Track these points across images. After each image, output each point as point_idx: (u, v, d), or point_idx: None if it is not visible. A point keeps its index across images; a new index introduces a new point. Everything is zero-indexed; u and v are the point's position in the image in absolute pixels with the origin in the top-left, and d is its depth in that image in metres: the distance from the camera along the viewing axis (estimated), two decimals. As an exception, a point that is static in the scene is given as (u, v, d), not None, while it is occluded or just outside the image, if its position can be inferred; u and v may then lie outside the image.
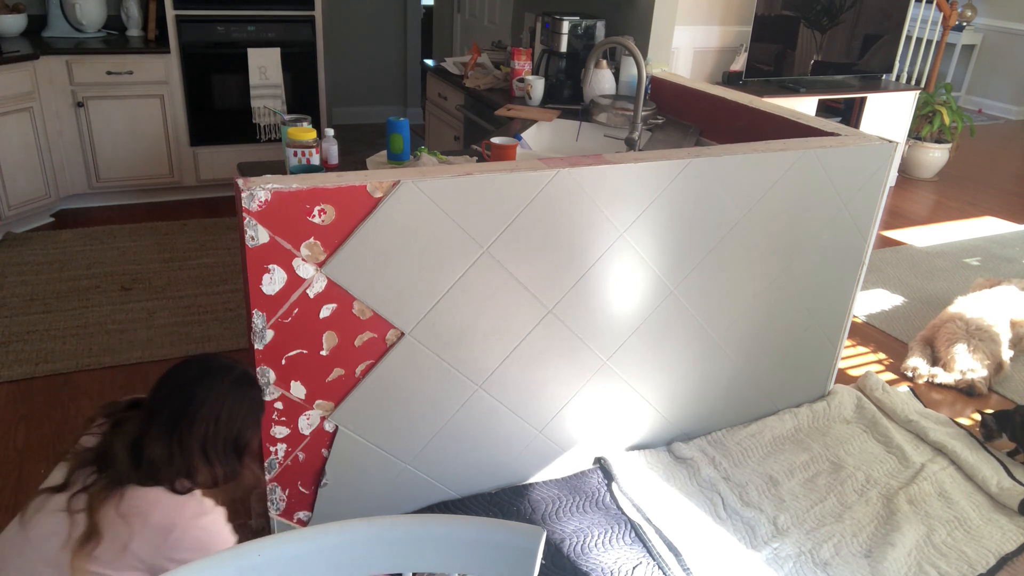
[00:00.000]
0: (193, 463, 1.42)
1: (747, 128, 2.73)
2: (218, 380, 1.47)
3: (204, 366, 1.50)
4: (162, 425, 1.42)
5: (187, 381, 1.46)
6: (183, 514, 1.40)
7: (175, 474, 1.41)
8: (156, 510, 1.39)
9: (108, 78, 3.92)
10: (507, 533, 1.02)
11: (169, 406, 1.44)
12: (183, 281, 3.47)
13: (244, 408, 1.49)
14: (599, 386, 2.22)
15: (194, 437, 1.42)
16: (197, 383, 1.46)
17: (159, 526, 1.38)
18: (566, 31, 3.38)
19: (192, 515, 1.41)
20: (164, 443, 1.41)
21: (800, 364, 2.64)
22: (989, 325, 3.04)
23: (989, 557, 2.13)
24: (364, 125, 6.22)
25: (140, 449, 1.41)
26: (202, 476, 1.43)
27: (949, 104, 5.27)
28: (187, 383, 1.46)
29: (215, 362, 1.51)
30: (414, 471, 2.07)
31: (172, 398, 1.44)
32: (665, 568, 2.01)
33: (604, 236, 2.00)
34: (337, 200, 1.67)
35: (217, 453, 1.45)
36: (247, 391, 1.51)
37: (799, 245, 2.36)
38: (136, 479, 1.40)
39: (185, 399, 1.43)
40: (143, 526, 1.37)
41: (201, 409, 1.43)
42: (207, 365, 1.50)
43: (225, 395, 1.46)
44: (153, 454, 1.40)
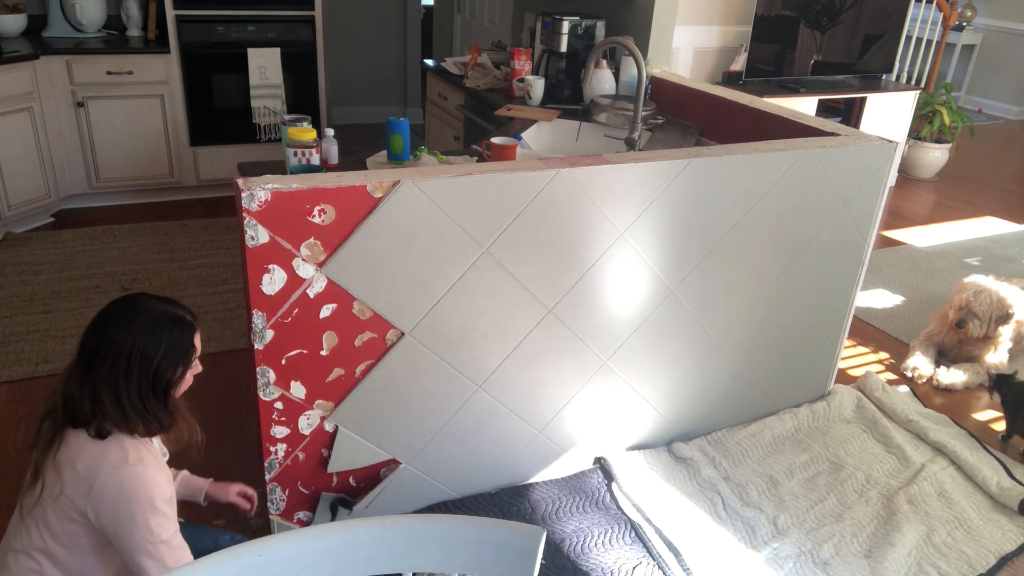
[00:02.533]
0: (103, 405, 1.38)
1: (747, 128, 2.73)
2: (133, 318, 1.41)
3: (122, 305, 1.44)
4: (80, 367, 1.39)
5: (102, 320, 1.41)
6: (104, 463, 1.36)
7: (90, 416, 1.38)
8: (80, 458, 1.37)
9: (108, 78, 3.92)
10: (507, 533, 1.02)
11: (87, 347, 1.40)
12: (183, 281, 3.47)
13: (160, 347, 1.41)
14: (599, 386, 2.22)
15: (103, 381, 1.38)
16: (110, 321, 1.41)
17: (83, 475, 1.36)
18: (566, 31, 3.38)
19: (113, 465, 1.36)
20: (80, 383, 1.38)
21: (800, 364, 2.64)
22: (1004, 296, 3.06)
23: (989, 557, 2.13)
24: (364, 125, 6.22)
25: (66, 389, 1.40)
26: (115, 419, 1.38)
27: (949, 104, 5.27)
28: (102, 322, 1.41)
29: (136, 300, 1.45)
30: (414, 471, 2.07)
31: (89, 339, 1.40)
32: (665, 568, 2.01)
33: (604, 236, 2.00)
34: (337, 200, 1.67)
35: (130, 398, 1.39)
36: (167, 330, 1.43)
37: (799, 245, 2.36)
38: (68, 421, 1.39)
39: (97, 340, 1.39)
40: (72, 474, 1.36)
41: (111, 348, 1.38)
42: (125, 304, 1.44)
43: (135, 336, 1.39)
44: (73, 393, 1.39)
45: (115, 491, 1.35)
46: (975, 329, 2.99)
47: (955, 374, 2.99)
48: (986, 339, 3.06)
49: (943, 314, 3.19)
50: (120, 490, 1.35)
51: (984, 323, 3.00)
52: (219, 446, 2.43)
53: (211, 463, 2.35)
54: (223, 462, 2.37)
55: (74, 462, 1.37)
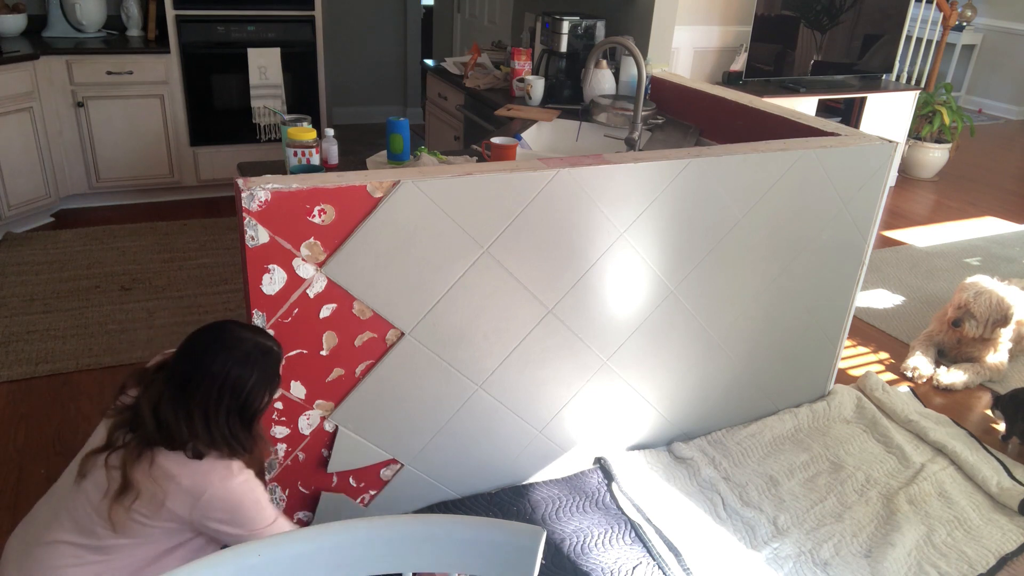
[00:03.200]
0: (196, 431, 1.44)
1: (747, 128, 2.73)
2: (227, 348, 1.47)
3: (217, 334, 1.50)
4: (174, 390, 1.45)
5: (199, 348, 1.47)
6: (211, 478, 1.44)
7: (187, 439, 1.44)
8: (184, 475, 1.44)
9: (108, 78, 3.92)
10: (507, 533, 1.02)
11: (180, 372, 1.46)
12: (183, 281, 3.47)
13: (249, 381, 1.48)
14: (599, 386, 2.22)
15: (196, 405, 1.44)
16: (206, 351, 1.47)
17: (189, 490, 1.44)
18: (566, 31, 3.38)
19: (220, 479, 1.45)
20: (174, 408, 1.44)
21: (800, 364, 2.64)
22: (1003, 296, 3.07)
23: (989, 557, 2.13)
24: (364, 125, 6.21)
25: (158, 412, 1.45)
26: (205, 444, 1.45)
27: (949, 104, 5.27)
28: (198, 350, 1.47)
29: (229, 330, 1.51)
30: (414, 471, 2.07)
31: (183, 364, 1.46)
32: (665, 568, 2.01)
33: (604, 236, 2.00)
34: (337, 200, 1.67)
35: (218, 423, 1.45)
36: (258, 360, 1.50)
37: (799, 245, 2.36)
38: (160, 441, 1.45)
39: (192, 366, 1.45)
40: (176, 489, 1.43)
41: (206, 377, 1.44)
42: (220, 332, 1.50)
43: (232, 364, 1.46)
44: (167, 418, 1.44)
45: (227, 501, 1.45)
46: (971, 330, 2.99)
47: (955, 374, 2.99)
48: (985, 340, 3.06)
49: (943, 314, 3.19)
50: (231, 499, 1.46)
51: (981, 325, 3.00)
52: (219, 446, 2.43)
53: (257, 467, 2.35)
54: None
55: (177, 478, 1.44)
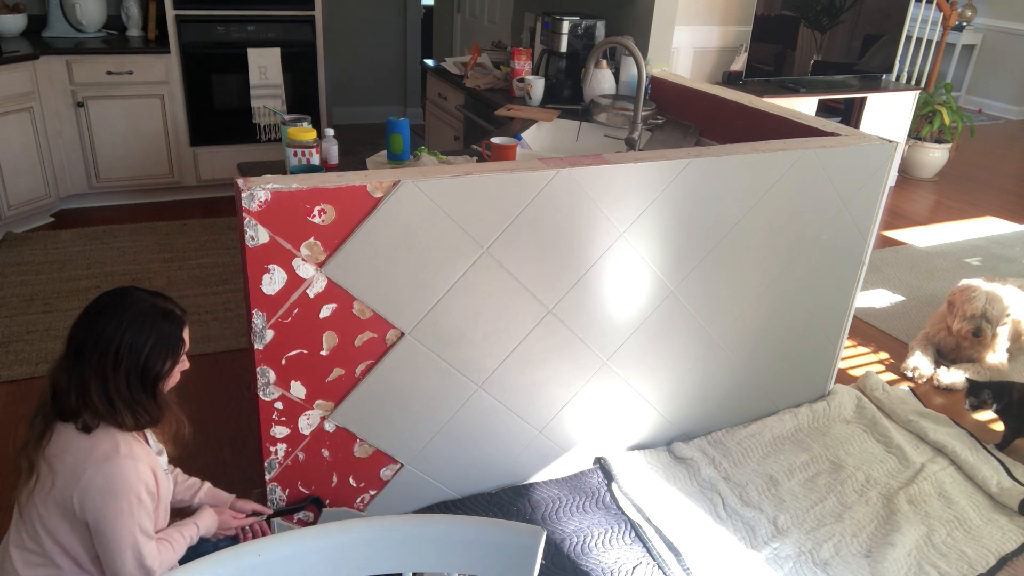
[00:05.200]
0: (90, 397, 1.38)
1: (747, 128, 2.73)
2: (120, 311, 1.41)
3: (112, 297, 1.45)
4: (69, 359, 1.40)
5: (92, 312, 1.42)
6: (92, 456, 1.37)
7: (78, 408, 1.38)
8: (69, 451, 1.38)
9: (108, 78, 3.92)
10: (507, 533, 1.02)
11: (76, 337, 1.41)
12: (183, 281, 3.47)
13: (147, 343, 1.41)
14: (599, 386, 2.22)
15: (92, 373, 1.38)
16: (100, 314, 1.41)
17: (71, 468, 1.37)
18: (566, 31, 3.38)
19: (100, 458, 1.37)
20: (67, 375, 1.39)
21: (800, 364, 2.64)
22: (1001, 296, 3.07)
23: (989, 557, 2.13)
24: (364, 125, 6.21)
25: (54, 381, 1.41)
26: (102, 411, 1.39)
27: (949, 104, 5.27)
28: (92, 314, 1.42)
29: (125, 293, 1.46)
30: (414, 471, 2.07)
31: (78, 332, 1.41)
32: (665, 568, 2.01)
33: (604, 236, 2.00)
34: (337, 200, 1.67)
35: (119, 390, 1.39)
36: (155, 323, 1.44)
37: (799, 245, 2.36)
38: (56, 414, 1.40)
39: (86, 333, 1.40)
40: (61, 467, 1.37)
41: (100, 340, 1.39)
42: (116, 296, 1.45)
43: (124, 329, 1.40)
44: (58, 384, 1.40)
45: (104, 482, 1.36)
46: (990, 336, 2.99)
47: (955, 374, 2.98)
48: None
49: (940, 316, 3.18)
50: (109, 481, 1.36)
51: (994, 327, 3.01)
52: (219, 446, 2.43)
53: (211, 463, 2.35)
54: (223, 462, 2.37)
55: (63, 454, 1.38)
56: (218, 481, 2.26)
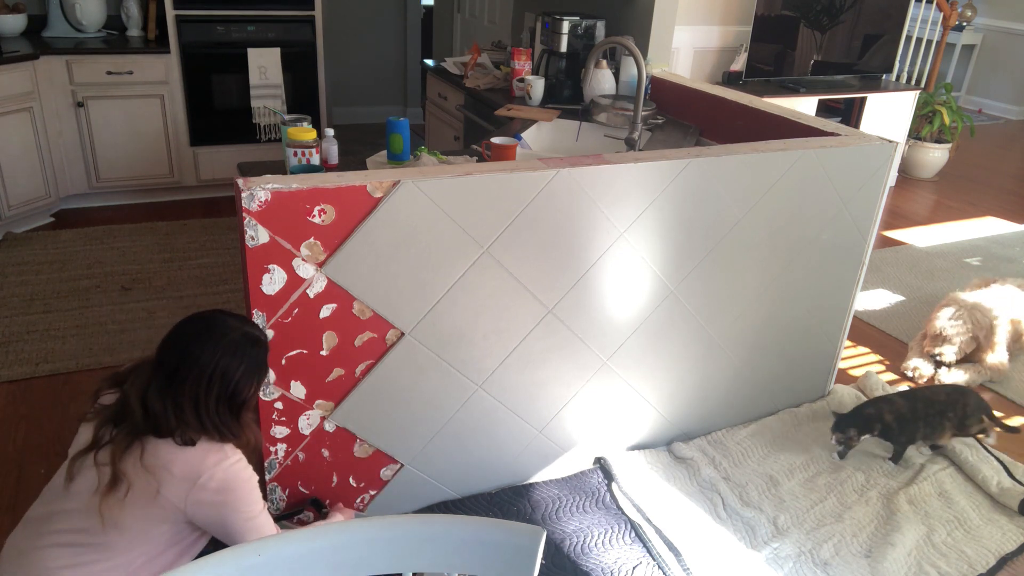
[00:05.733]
0: (186, 419, 1.45)
1: (747, 128, 2.73)
2: (215, 338, 1.48)
3: (205, 323, 1.52)
4: (161, 379, 1.46)
5: (186, 337, 1.49)
6: (207, 461, 1.46)
7: (175, 427, 1.45)
8: (176, 462, 1.45)
9: (108, 78, 3.92)
10: (507, 533, 1.02)
11: (168, 361, 1.47)
12: (183, 281, 3.47)
13: (239, 370, 1.49)
14: (599, 386, 2.22)
15: (185, 394, 1.45)
16: (194, 340, 1.48)
17: (185, 475, 1.44)
18: (566, 31, 3.38)
19: (215, 461, 1.47)
20: (161, 397, 1.45)
21: (800, 364, 2.64)
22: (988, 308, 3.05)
23: (989, 557, 2.13)
24: (364, 125, 6.21)
25: (146, 401, 1.46)
26: (195, 431, 1.46)
27: (949, 104, 5.27)
28: (186, 339, 1.49)
29: (217, 320, 1.52)
30: (414, 471, 2.07)
31: (171, 353, 1.48)
32: (665, 568, 2.01)
33: (604, 236, 2.00)
34: (337, 200, 1.67)
35: (208, 411, 1.46)
36: (246, 350, 1.51)
37: (799, 245, 2.36)
38: (148, 431, 1.45)
39: (180, 355, 1.47)
40: (169, 477, 1.44)
41: (194, 367, 1.46)
42: (208, 322, 1.52)
43: (219, 357, 1.47)
44: (155, 407, 1.45)
45: (223, 481, 1.46)
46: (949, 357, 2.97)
47: (956, 374, 2.98)
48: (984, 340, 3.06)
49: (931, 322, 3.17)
50: (227, 481, 1.47)
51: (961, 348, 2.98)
52: (219, 446, 2.43)
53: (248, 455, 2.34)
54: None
55: (169, 465, 1.44)
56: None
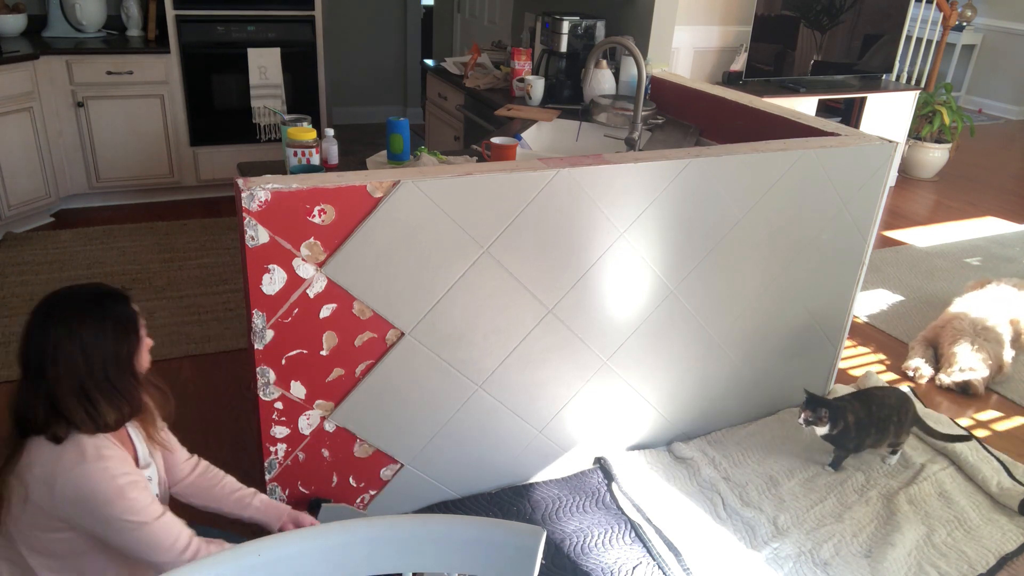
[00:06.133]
0: (68, 406, 1.33)
1: (747, 128, 2.73)
2: (65, 311, 1.36)
3: (49, 302, 1.38)
4: (31, 378, 1.35)
5: (38, 325, 1.36)
6: (61, 463, 1.32)
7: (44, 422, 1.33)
8: (38, 461, 1.33)
9: (108, 78, 3.92)
10: (507, 533, 1.02)
11: (31, 358, 1.35)
12: (183, 281, 3.47)
13: (106, 328, 1.37)
14: (599, 386, 2.22)
15: (63, 379, 1.33)
16: (47, 322, 1.35)
17: (43, 478, 1.32)
18: (566, 31, 3.38)
19: (70, 464, 1.32)
20: (31, 394, 1.34)
21: (800, 364, 2.64)
22: (993, 325, 3.04)
23: (989, 557, 2.13)
24: (364, 125, 6.21)
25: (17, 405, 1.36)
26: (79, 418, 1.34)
27: (949, 104, 5.27)
28: (39, 328, 1.36)
29: (60, 295, 1.40)
30: (414, 471, 2.07)
31: (31, 349, 1.36)
32: (665, 568, 2.01)
33: (604, 236, 2.00)
34: (337, 200, 1.67)
35: (98, 384, 1.35)
36: (104, 309, 1.39)
37: (799, 245, 2.36)
38: (22, 434, 1.36)
39: (41, 345, 1.34)
40: (32, 480, 1.33)
41: (59, 349, 1.33)
42: (52, 300, 1.39)
43: (78, 323, 1.35)
44: (21, 407, 1.35)
45: (77, 489, 1.31)
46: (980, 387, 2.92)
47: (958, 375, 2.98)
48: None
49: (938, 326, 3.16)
50: (82, 487, 1.31)
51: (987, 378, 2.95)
52: (219, 446, 2.43)
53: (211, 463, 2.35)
54: (223, 462, 2.35)
55: (31, 465, 1.34)
56: (218, 481, 2.25)
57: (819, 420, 2.33)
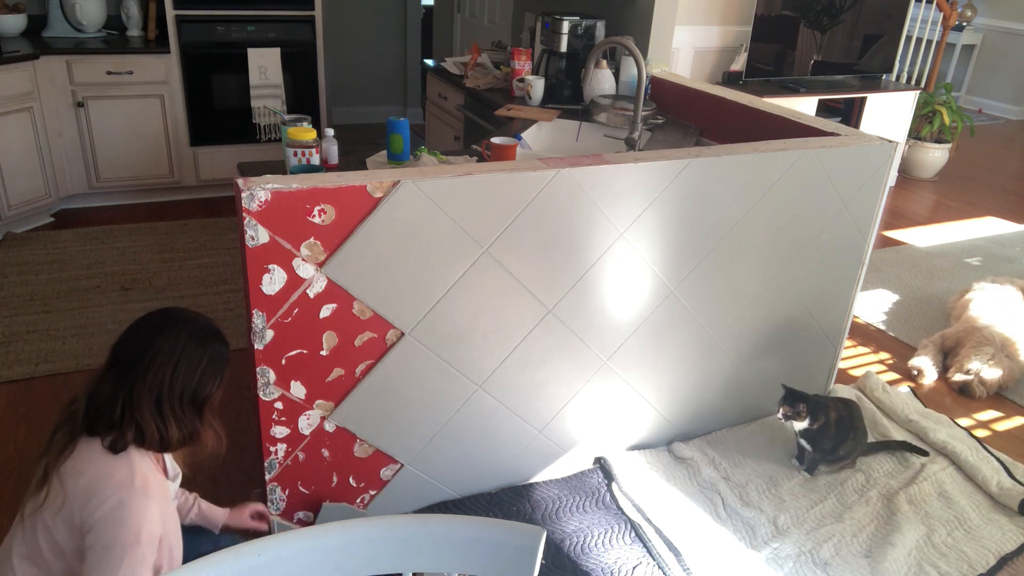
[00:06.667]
0: (143, 415, 1.36)
1: (747, 128, 2.73)
2: (177, 330, 1.42)
3: (165, 315, 1.45)
4: (117, 374, 1.38)
5: (146, 330, 1.41)
6: (109, 480, 1.33)
7: (118, 422, 1.36)
8: (87, 471, 1.34)
9: (108, 78, 3.92)
10: (507, 533, 1.02)
11: (126, 355, 1.39)
12: (183, 281, 3.47)
13: (203, 360, 1.43)
14: (599, 386, 2.22)
15: (147, 387, 1.37)
16: (156, 332, 1.40)
17: (85, 490, 1.33)
18: (566, 31, 3.38)
19: (117, 483, 1.33)
20: (113, 388, 1.37)
21: (800, 364, 2.64)
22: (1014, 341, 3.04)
23: (989, 557, 2.13)
24: (364, 125, 6.22)
25: (95, 394, 1.38)
26: (151, 430, 1.37)
27: (949, 104, 5.27)
28: (146, 332, 1.41)
29: (177, 313, 1.46)
30: (414, 471, 2.07)
31: (130, 347, 1.40)
32: (665, 568, 2.01)
33: (604, 236, 2.00)
34: (337, 200, 1.67)
35: (172, 405, 1.39)
36: (209, 343, 1.45)
37: (799, 245, 2.36)
38: (84, 428, 1.37)
39: (141, 348, 1.39)
40: (75, 486, 1.34)
41: (157, 358, 1.38)
42: (168, 315, 1.45)
43: (183, 345, 1.40)
44: (100, 398, 1.37)
45: (111, 509, 1.32)
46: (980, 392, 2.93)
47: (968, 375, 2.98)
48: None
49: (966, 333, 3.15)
50: (116, 512, 1.32)
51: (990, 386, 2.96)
52: (219, 446, 2.43)
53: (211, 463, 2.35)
54: (223, 462, 2.36)
55: (79, 474, 1.34)
56: (218, 481, 2.26)
57: (798, 415, 2.32)
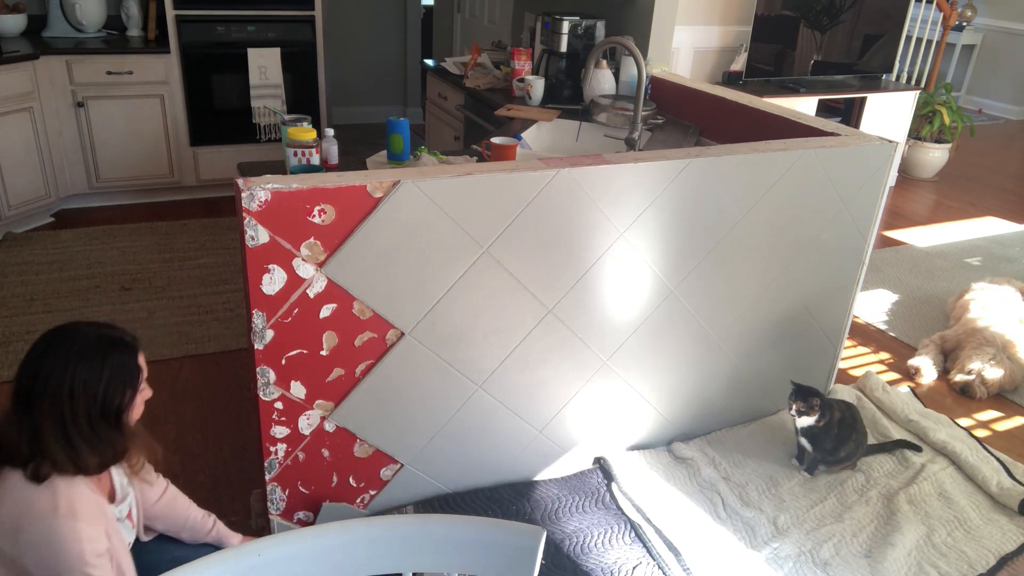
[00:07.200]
0: (46, 444, 1.28)
1: (747, 128, 2.73)
2: (65, 350, 1.31)
3: (53, 336, 1.34)
4: (19, 408, 1.31)
5: (35, 357, 1.32)
6: (33, 510, 1.27)
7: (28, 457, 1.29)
8: (7, 500, 1.29)
9: (108, 78, 3.92)
10: (507, 533, 1.02)
11: (21, 387, 1.31)
12: (183, 281, 3.47)
13: (103, 374, 1.32)
14: (599, 386, 2.22)
15: (47, 417, 1.29)
16: (43, 357, 1.31)
17: (8, 518, 1.28)
18: (566, 31, 3.38)
19: (41, 514, 1.27)
20: (16, 426, 1.30)
21: (800, 364, 2.64)
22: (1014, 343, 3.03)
23: (989, 557, 2.13)
24: (364, 125, 6.22)
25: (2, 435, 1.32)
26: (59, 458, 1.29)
27: (949, 104, 5.27)
28: (35, 360, 1.31)
29: (66, 331, 1.35)
30: (414, 471, 2.07)
31: (23, 376, 1.31)
32: (665, 568, 2.01)
33: (604, 236, 2.00)
34: (337, 200, 1.67)
35: (80, 430, 1.30)
36: (107, 354, 1.34)
37: (799, 245, 2.36)
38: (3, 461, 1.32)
39: (32, 376, 1.30)
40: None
41: (48, 385, 1.29)
42: (57, 335, 1.34)
43: (74, 365, 1.30)
44: (7, 436, 1.30)
45: (42, 543, 1.26)
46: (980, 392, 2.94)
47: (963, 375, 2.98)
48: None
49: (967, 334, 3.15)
50: (47, 543, 1.26)
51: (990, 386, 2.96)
52: (219, 446, 2.43)
53: (211, 463, 2.35)
54: (223, 462, 2.37)
55: (1, 502, 1.29)
56: (218, 481, 2.26)
57: (811, 409, 2.32)
